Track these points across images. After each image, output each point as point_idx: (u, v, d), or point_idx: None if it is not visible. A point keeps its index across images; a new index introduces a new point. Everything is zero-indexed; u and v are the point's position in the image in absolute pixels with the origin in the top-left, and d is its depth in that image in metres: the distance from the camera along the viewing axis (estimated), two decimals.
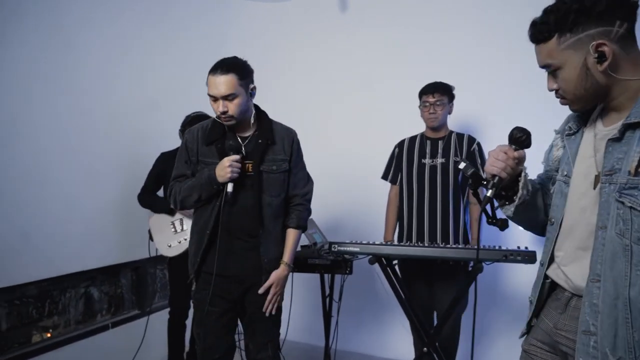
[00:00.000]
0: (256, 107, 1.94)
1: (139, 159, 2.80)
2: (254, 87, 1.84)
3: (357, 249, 2.12)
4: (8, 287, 2.29)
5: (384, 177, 2.72)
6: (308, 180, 2.03)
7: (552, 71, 1.11)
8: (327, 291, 2.69)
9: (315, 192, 2.05)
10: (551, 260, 1.22)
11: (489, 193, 1.15)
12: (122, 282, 2.99)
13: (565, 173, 1.19)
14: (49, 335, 2.52)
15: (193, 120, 2.49)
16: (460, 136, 2.53)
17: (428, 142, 2.56)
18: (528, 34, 1.12)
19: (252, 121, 1.88)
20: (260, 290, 1.85)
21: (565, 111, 1.23)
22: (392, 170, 2.68)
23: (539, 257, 1.77)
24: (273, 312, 1.87)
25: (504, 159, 1.16)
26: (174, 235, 2.60)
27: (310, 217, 2.89)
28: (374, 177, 3.31)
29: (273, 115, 1.99)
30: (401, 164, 2.61)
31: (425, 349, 2.18)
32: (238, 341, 2.14)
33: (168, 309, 2.77)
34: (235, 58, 1.80)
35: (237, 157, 1.76)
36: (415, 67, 3.15)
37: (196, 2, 3.57)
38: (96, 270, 2.78)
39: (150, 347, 2.86)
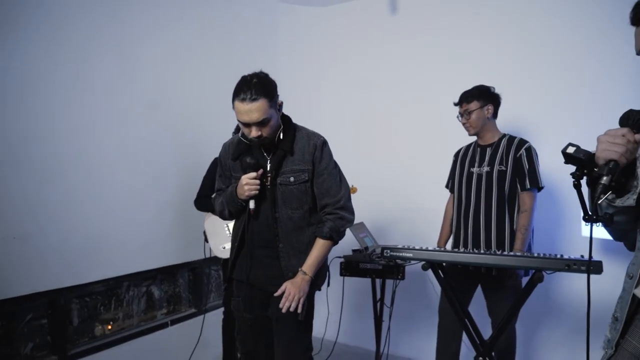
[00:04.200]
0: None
1: (196, 163, 2.90)
2: (282, 102, 1.77)
3: (410, 255, 2.07)
4: (79, 284, 2.46)
5: (446, 185, 2.72)
6: (341, 187, 1.86)
7: None
8: (379, 296, 2.68)
9: (367, 196, 2.02)
10: None
11: (605, 180, 1.02)
12: (180, 282, 3.12)
13: None
14: (113, 330, 2.67)
15: None
16: (510, 141, 2.43)
17: (478, 149, 2.52)
18: (630, 15, 1.06)
19: (280, 134, 1.81)
20: (277, 293, 1.76)
21: None
22: (449, 179, 2.68)
23: (606, 267, 1.68)
24: (291, 309, 1.71)
25: (624, 142, 1.02)
26: (228, 237, 2.67)
27: (361, 221, 2.90)
28: (427, 181, 3.26)
29: (325, 122, 1.98)
30: (455, 172, 2.62)
31: (480, 358, 2.10)
32: None
33: (222, 309, 2.86)
34: (259, 78, 1.69)
35: (253, 174, 1.75)
36: (475, 71, 3.03)
37: (246, 10, 3.66)
38: (156, 270, 2.92)
39: (206, 345, 2.96)
